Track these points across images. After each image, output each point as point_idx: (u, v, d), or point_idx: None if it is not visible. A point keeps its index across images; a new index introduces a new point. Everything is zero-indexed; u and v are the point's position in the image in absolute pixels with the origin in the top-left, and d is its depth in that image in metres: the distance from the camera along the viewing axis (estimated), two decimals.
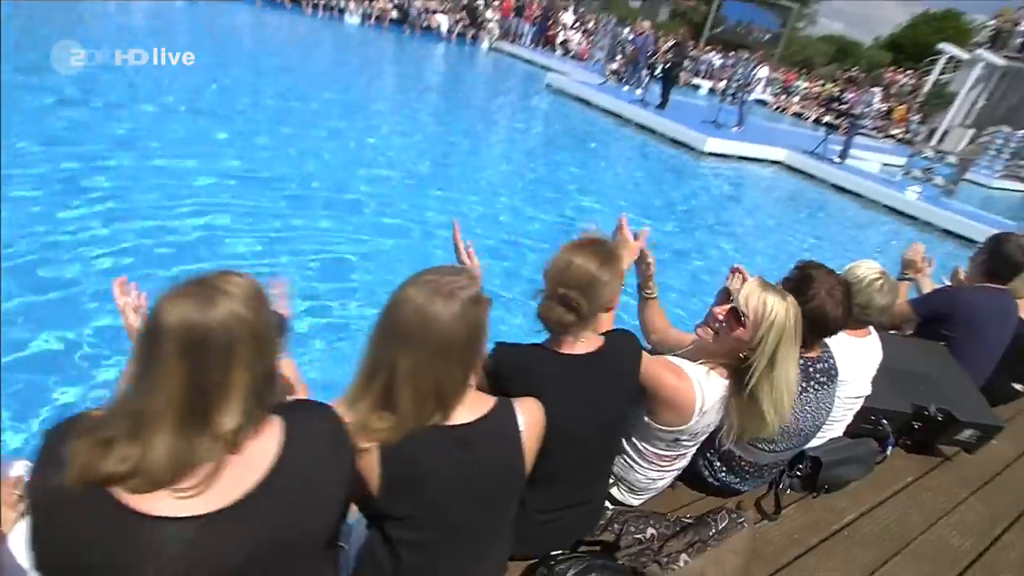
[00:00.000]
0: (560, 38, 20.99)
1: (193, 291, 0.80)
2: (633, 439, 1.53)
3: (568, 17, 21.80)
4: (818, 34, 40.95)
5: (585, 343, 1.32)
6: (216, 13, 13.24)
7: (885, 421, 2.22)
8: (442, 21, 18.07)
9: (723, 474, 1.79)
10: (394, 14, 17.28)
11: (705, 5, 29.98)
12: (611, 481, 1.64)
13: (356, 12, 16.82)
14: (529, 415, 1.14)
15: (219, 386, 0.80)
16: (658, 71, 13.47)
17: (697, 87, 22.65)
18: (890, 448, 2.22)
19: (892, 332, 2.76)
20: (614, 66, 15.94)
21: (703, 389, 1.41)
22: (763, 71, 12.05)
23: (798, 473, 2.01)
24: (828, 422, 1.97)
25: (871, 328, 2.04)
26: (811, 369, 1.66)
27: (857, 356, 1.95)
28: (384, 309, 1.03)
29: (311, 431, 0.93)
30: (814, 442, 2.01)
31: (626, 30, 17.33)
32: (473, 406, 1.09)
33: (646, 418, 1.46)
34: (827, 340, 1.75)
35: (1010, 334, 2.73)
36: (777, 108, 23.64)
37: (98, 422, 0.79)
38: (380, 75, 12.29)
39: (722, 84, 23.40)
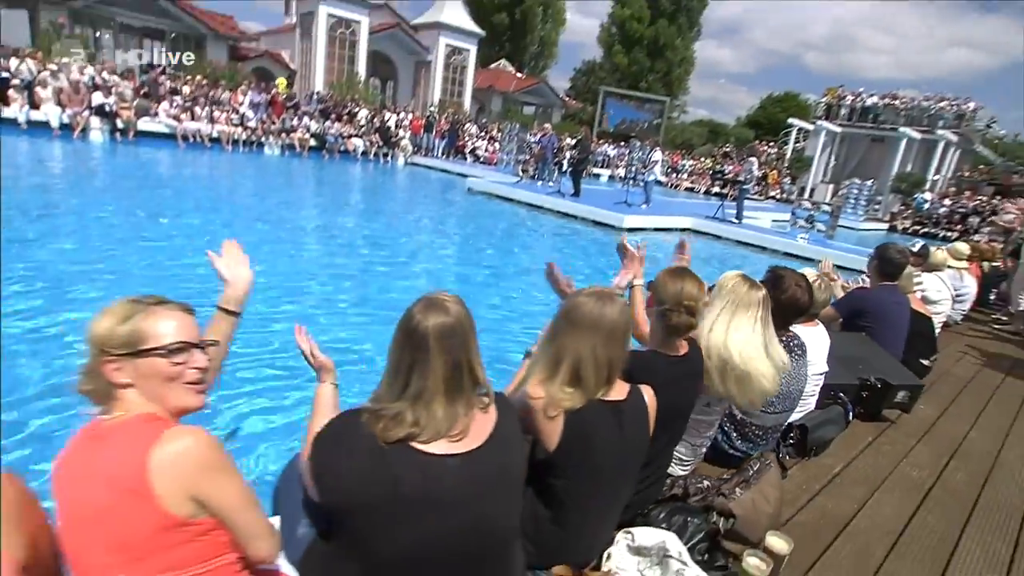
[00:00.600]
0: (469, 147, 22.77)
1: (431, 305, 1.21)
2: None
3: (473, 128, 23.82)
4: (690, 120, 46.72)
5: (683, 347, 1.82)
6: (137, 154, 13.51)
7: (842, 394, 2.83)
8: (358, 144, 19.21)
9: (739, 442, 2.28)
10: (312, 142, 18.22)
11: (591, 106, 33.75)
12: None
13: (275, 144, 17.61)
14: (650, 398, 1.59)
15: (466, 363, 1.22)
16: (566, 165, 15.01)
17: (598, 176, 25.05)
18: (851, 414, 2.81)
19: None
20: (524, 166, 17.52)
21: None
22: (657, 154, 13.79)
23: (791, 442, 2.54)
24: (803, 397, 2.54)
25: (817, 320, 2.68)
26: (792, 344, 2.25)
27: (813, 341, 2.56)
28: (561, 314, 1.49)
29: (506, 403, 1.35)
30: (795, 416, 2.57)
31: (528, 134, 19.22)
32: (620, 388, 1.54)
33: None
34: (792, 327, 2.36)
35: (908, 320, 3.51)
36: (671, 185, 26.42)
37: (379, 408, 1.18)
38: (310, 194, 12.83)
39: (620, 171, 26.16)
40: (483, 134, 23.89)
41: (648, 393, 1.60)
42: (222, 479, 1.04)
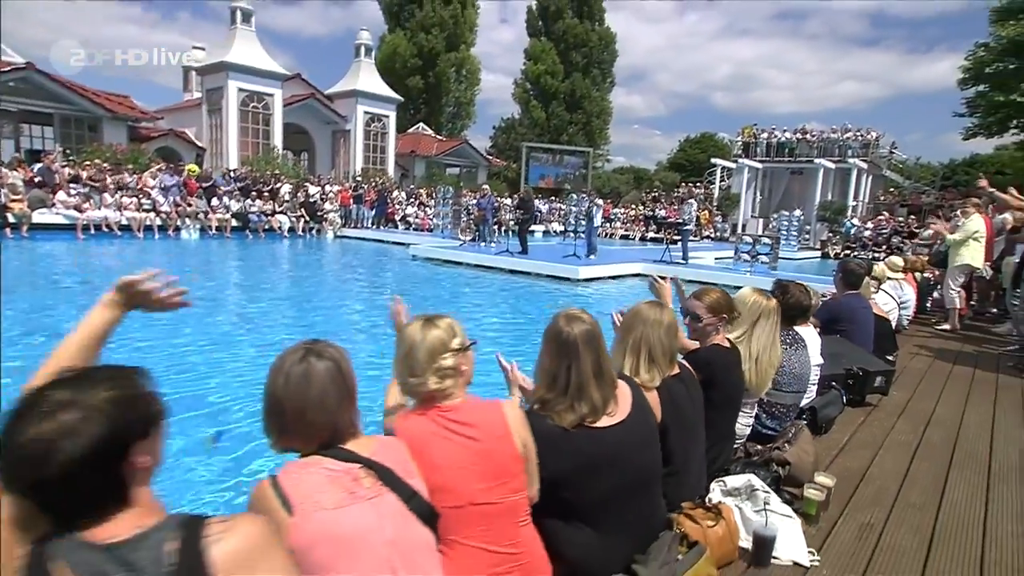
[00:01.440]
0: (399, 215, 23.60)
1: (572, 319, 1.87)
2: None
3: (401, 195, 24.77)
4: (611, 168, 50.23)
5: (727, 342, 2.59)
6: (33, 248, 13.20)
7: (834, 383, 3.70)
8: (283, 221, 19.57)
9: (768, 421, 3.06)
10: (234, 222, 18.42)
11: (515, 163, 35.86)
12: None
13: (193, 227, 17.69)
14: (692, 370, 2.35)
15: (603, 356, 1.90)
16: (512, 224, 16.10)
17: (532, 232, 26.48)
18: (844, 398, 3.67)
19: None
20: (463, 229, 18.52)
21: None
22: (599, 201, 15.16)
23: (805, 421, 3.34)
24: (808, 386, 3.37)
25: (809, 323, 3.57)
26: (796, 338, 3.10)
27: (809, 338, 3.42)
28: (631, 316, 2.22)
29: (631, 379, 2.04)
30: (804, 401, 3.39)
31: (464, 197, 20.35)
32: (675, 367, 2.28)
33: None
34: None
35: (873, 321, 4.50)
36: (606, 235, 28.26)
37: (554, 404, 1.82)
38: (241, 276, 12.97)
39: (554, 225, 27.80)
40: (412, 200, 24.87)
41: (689, 366, 2.37)
42: (529, 431, 1.70)
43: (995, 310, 8.36)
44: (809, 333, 3.46)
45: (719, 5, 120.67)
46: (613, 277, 13.69)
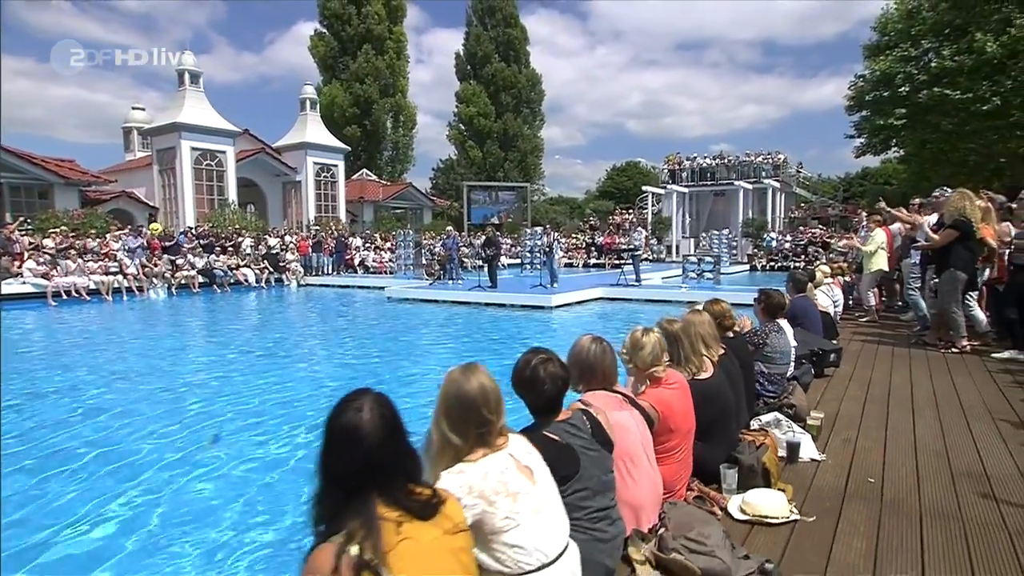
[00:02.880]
0: (357, 260, 24.39)
1: (672, 321, 3.22)
2: None
3: (358, 240, 25.59)
4: (543, 200, 52.43)
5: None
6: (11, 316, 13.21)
7: (804, 360, 5.15)
8: (248, 274, 20.04)
9: (769, 386, 4.42)
10: (200, 279, 18.77)
11: (457, 202, 37.29)
12: None
13: (159, 287, 17.94)
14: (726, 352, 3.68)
15: (693, 339, 3.22)
16: (480, 262, 17.40)
17: (482, 266, 27.81)
18: (812, 371, 5.13)
19: None
20: (428, 268, 19.63)
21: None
22: (556, 235, 16.68)
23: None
24: (791, 360, 4.79)
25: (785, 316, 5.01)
26: (779, 326, 4.51)
27: (786, 326, 4.85)
28: (684, 321, 3.49)
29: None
30: (788, 373, 4.81)
31: (427, 239, 21.47)
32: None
33: None
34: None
35: (819, 317, 6.04)
36: None
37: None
38: (222, 328, 13.35)
39: (504, 259, 29.20)
40: (369, 245, 25.72)
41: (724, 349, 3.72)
42: None
43: (900, 303, 10.28)
44: (785, 324, 4.90)
45: (625, 37, 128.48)
46: (580, 302, 15.15)
